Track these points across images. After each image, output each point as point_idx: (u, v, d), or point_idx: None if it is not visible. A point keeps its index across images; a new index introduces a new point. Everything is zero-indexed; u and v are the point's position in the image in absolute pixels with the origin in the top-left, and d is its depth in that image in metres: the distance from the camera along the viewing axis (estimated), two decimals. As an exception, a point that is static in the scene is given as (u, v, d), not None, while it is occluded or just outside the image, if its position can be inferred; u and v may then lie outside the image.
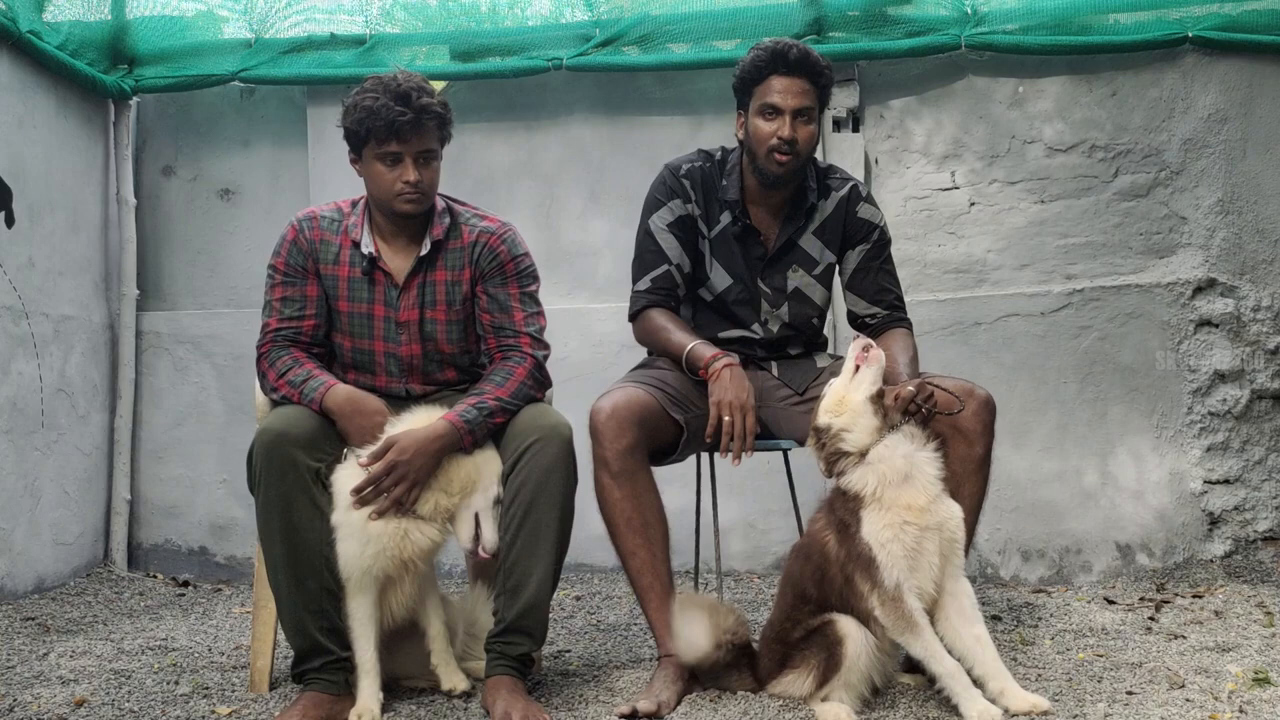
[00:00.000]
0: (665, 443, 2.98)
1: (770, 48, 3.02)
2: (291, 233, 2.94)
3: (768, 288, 3.17)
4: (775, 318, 3.18)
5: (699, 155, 3.20)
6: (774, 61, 3.01)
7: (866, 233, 3.17)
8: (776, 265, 3.17)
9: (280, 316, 2.91)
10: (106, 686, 3.05)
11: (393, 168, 2.81)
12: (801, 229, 3.16)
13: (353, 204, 2.99)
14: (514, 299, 2.94)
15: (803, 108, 3.01)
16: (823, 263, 3.19)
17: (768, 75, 3.02)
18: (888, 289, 3.19)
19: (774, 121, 3.00)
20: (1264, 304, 4.41)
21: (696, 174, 3.15)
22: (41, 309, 4.40)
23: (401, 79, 2.82)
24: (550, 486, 2.73)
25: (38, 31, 4.37)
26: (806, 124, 3.02)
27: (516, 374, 2.86)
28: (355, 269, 2.91)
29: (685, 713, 2.68)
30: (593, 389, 3.08)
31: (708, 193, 3.16)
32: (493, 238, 2.95)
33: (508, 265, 2.94)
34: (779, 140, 2.99)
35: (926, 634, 2.51)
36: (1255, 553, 4.32)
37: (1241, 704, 2.61)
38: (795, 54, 2.99)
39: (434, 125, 2.83)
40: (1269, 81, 4.47)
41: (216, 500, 4.88)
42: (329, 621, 2.71)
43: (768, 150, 3.02)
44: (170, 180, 5.05)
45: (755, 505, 4.55)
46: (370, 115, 2.77)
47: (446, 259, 2.93)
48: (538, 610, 2.77)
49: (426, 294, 2.92)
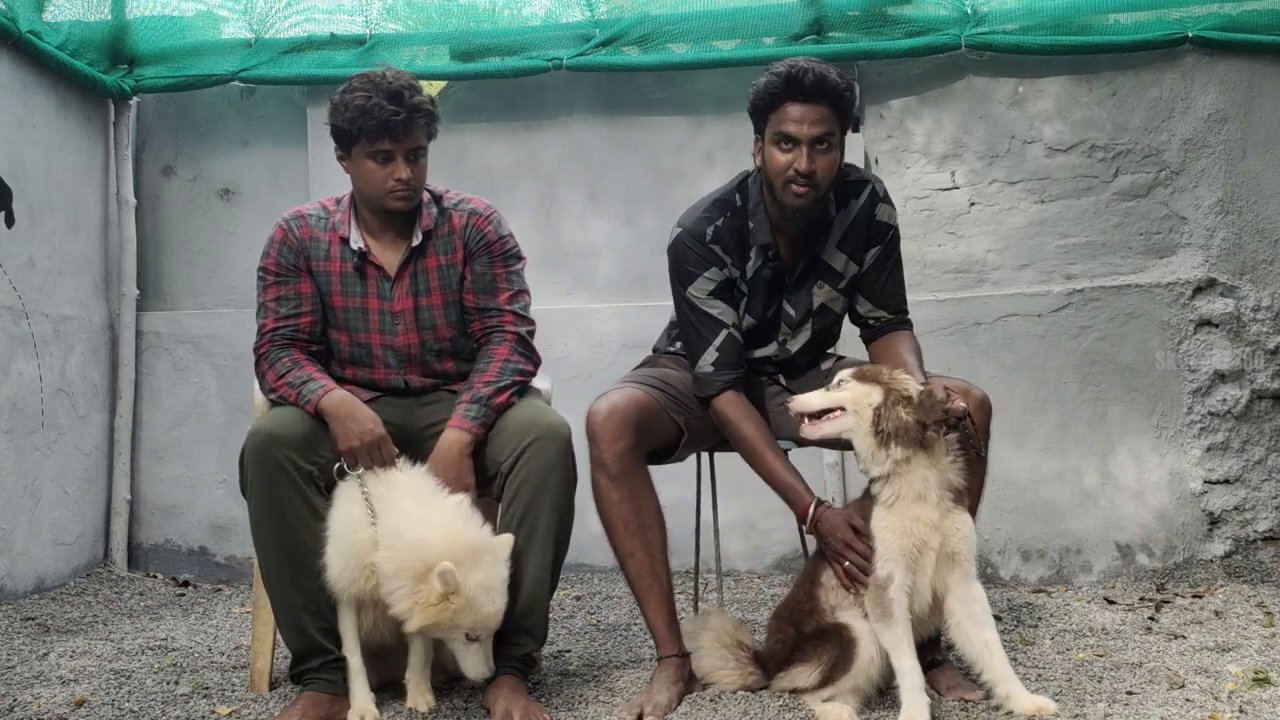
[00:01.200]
0: (665, 443, 2.97)
1: (784, 73, 2.79)
2: (280, 233, 2.93)
3: (792, 309, 3.03)
4: (796, 339, 3.08)
5: (716, 209, 2.96)
6: (788, 88, 2.78)
7: (882, 234, 3.04)
8: (801, 286, 3.03)
9: (276, 316, 2.90)
10: (106, 686, 3.05)
11: (384, 165, 2.80)
12: (822, 243, 3.00)
13: (336, 201, 2.98)
14: (500, 278, 2.95)
15: (821, 136, 2.78)
16: (847, 275, 3.04)
17: (782, 102, 2.80)
18: (895, 292, 3.08)
19: (790, 153, 2.79)
20: (1264, 304, 4.41)
21: (724, 234, 2.93)
22: (41, 309, 4.40)
23: (390, 76, 2.81)
24: (549, 486, 2.73)
25: (38, 31, 4.37)
26: (826, 153, 2.80)
27: (498, 355, 2.89)
28: (346, 264, 2.91)
29: (685, 713, 2.68)
30: (593, 389, 3.08)
31: (741, 247, 2.95)
32: (480, 219, 2.96)
33: (494, 245, 2.95)
34: (795, 173, 2.79)
35: (899, 627, 2.55)
36: (1255, 553, 4.32)
37: (1241, 704, 2.61)
38: (811, 79, 2.76)
39: (424, 123, 2.83)
40: (1269, 81, 4.47)
41: (216, 500, 4.88)
42: (326, 622, 2.71)
43: (784, 182, 2.82)
44: (170, 180, 5.05)
45: (755, 505, 4.53)
46: (363, 114, 2.76)
47: (437, 245, 2.93)
48: (538, 609, 2.77)
49: (419, 282, 2.92)
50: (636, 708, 2.69)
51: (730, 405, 2.90)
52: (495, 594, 2.58)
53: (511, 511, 2.74)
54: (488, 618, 2.58)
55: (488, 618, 2.58)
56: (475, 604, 2.54)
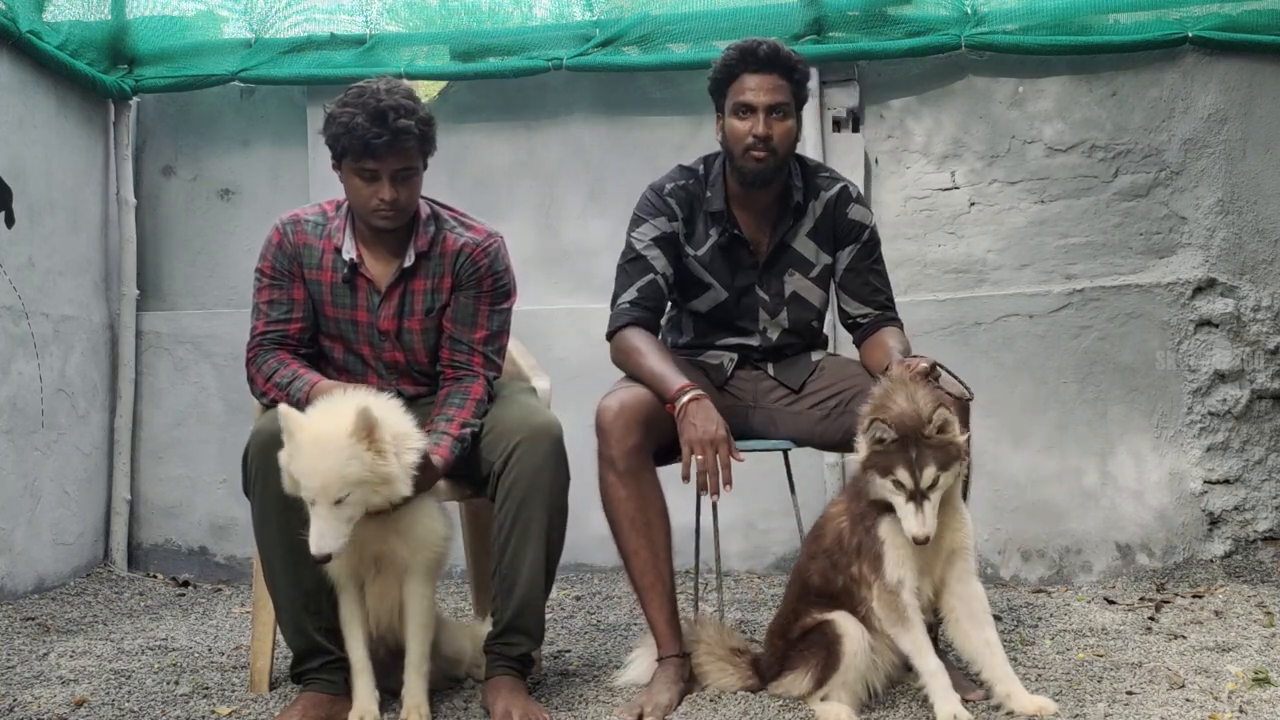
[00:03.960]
0: (668, 442, 2.98)
1: (740, 46, 3.01)
2: (276, 236, 2.91)
3: (765, 294, 3.13)
4: (775, 325, 3.15)
5: (681, 173, 3.15)
6: (744, 59, 3.00)
7: (856, 234, 3.13)
8: (772, 270, 3.13)
9: (267, 320, 2.89)
10: (106, 686, 3.05)
11: (369, 184, 2.75)
12: (792, 231, 3.12)
13: (337, 206, 2.94)
14: (482, 315, 2.92)
15: (776, 104, 2.98)
16: (819, 265, 3.15)
17: (739, 74, 3.00)
18: (878, 290, 3.16)
19: (748, 120, 2.98)
20: (1264, 304, 4.41)
21: (680, 192, 3.10)
22: (41, 309, 4.40)
23: (384, 94, 2.73)
24: (541, 485, 2.73)
25: (38, 31, 4.37)
26: (782, 120, 2.99)
27: (473, 393, 2.85)
28: (337, 275, 2.88)
29: (685, 713, 2.68)
30: (592, 389, 3.07)
31: (693, 209, 3.10)
32: (477, 250, 2.91)
33: (485, 279, 2.91)
34: (754, 139, 2.97)
35: (916, 630, 2.55)
36: (1255, 553, 4.32)
37: (1241, 704, 2.61)
38: (765, 50, 2.98)
39: (413, 145, 2.75)
40: (1269, 81, 4.47)
41: (216, 500, 4.88)
42: (327, 621, 2.71)
43: (744, 149, 2.99)
44: (170, 180, 5.05)
45: (755, 505, 4.55)
46: (346, 132, 2.71)
47: (428, 267, 2.90)
48: (533, 609, 2.77)
49: (405, 304, 2.90)
50: (637, 708, 2.69)
51: (633, 335, 3.00)
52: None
53: (504, 511, 2.73)
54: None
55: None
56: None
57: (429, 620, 2.71)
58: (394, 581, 2.68)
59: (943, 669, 2.53)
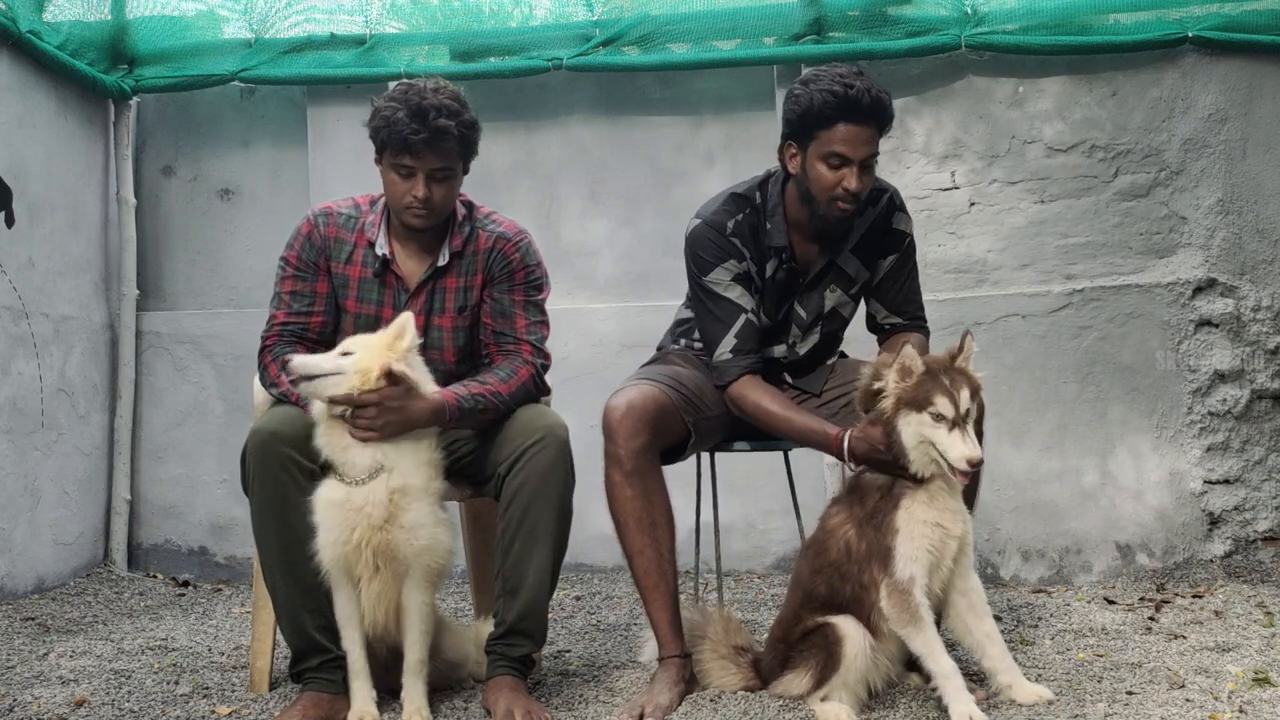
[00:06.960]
0: (675, 443, 2.97)
1: (842, 94, 2.79)
2: (307, 227, 2.91)
3: (804, 311, 3.06)
4: (806, 341, 3.10)
5: (734, 204, 2.98)
6: (845, 108, 2.79)
7: (898, 243, 3.08)
8: (815, 287, 3.06)
9: (289, 310, 2.89)
10: (106, 686, 3.05)
11: (405, 180, 2.77)
12: (839, 248, 3.04)
13: (371, 201, 2.94)
14: (518, 305, 2.92)
15: (870, 156, 2.85)
16: (859, 280, 3.08)
17: (835, 122, 2.80)
18: (910, 298, 3.12)
19: (840, 171, 2.82)
20: (1264, 304, 4.41)
21: (744, 229, 2.96)
22: (41, 309, 4.40)
23: (429, 93, 2.75)
24: (548, 488, 2.72)
25: (38, 31, 4.37)
26: (871, 171, 2.88)
27: (520, 374, 2.85)
28: (368, 269, 2.89)
29: (685, 713, 2.68)
30: (592, 389, 3.08)
31: (757, 246, 2.98)
32: (508, 244, 2.92)
33: (518, 273, 2.92)
34: (845, 191, 2.83)
35: (929, 630, 2.53)
36: (1255, 553, 4.32)
37: (1241, 704, 2.61)
38: (868, 101, 2.80)
39: (452, 145, 2.76)
40: (1269, 81, 4.47)
41: (216, 500, 4.88)
42: (326, 620, 2.70)
43: (830, 199, 2.85)
44: (170, 180, 5.05)
45: (755, 505, 4.55)
46: (386, 126, 2.74)
47: (461, 265, 2.91)
48: (537, 611, 2.77)
49: (435, 300, 2.90)
50: (637, 708, 2.68)
51: (748, 387, 2.91)
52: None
53: (510, 513, 2.73)
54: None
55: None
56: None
57: (429, 626, 2.70)
58: (392, 583, 2.66)
59: (956, 670, 2.52)
